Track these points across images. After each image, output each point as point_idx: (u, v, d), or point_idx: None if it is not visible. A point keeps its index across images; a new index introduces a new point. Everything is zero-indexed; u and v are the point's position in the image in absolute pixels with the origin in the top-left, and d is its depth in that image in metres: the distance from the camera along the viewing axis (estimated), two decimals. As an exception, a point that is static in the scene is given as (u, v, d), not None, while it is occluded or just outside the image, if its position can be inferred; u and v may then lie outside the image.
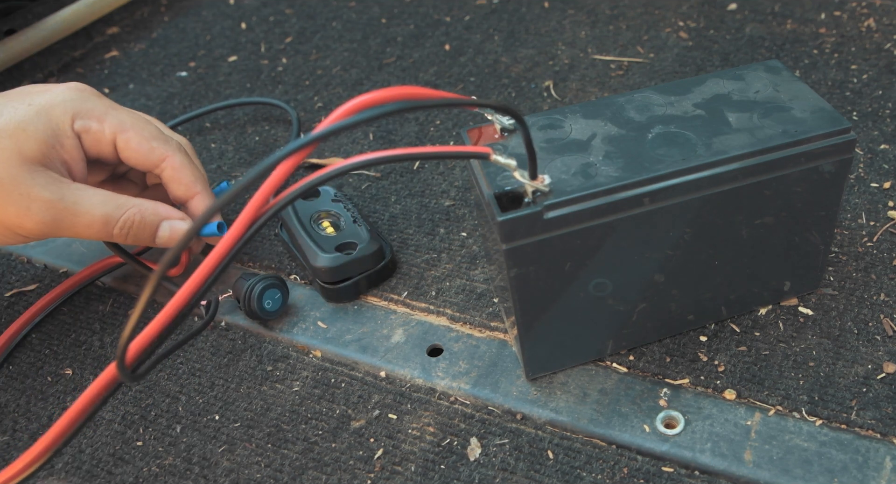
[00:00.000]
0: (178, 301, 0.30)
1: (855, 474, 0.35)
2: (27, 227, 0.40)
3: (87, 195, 0.41)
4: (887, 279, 0.43)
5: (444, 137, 0.59)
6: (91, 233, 0.41)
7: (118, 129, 0.42)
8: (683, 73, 0.62)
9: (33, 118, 0.40)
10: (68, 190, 0.40)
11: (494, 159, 0.31)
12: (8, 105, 0.41)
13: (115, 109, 0.43)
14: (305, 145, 0.28)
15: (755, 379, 0.39)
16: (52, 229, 0.40)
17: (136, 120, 0.43)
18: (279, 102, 0.63)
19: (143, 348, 0.30)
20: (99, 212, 0.41)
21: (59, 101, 0.41)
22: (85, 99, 0.42)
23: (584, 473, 0.37)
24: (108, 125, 0.42)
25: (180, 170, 0.43)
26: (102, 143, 0.42)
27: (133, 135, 0.42)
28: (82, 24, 0.78)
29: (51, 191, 0.40)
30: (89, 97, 0.42)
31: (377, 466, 0.38)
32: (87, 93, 0.43)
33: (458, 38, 0.71)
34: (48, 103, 0.41)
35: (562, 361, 0.41)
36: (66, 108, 0.41)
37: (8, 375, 0.45)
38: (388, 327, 0.45)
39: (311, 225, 0.47)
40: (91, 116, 0.42)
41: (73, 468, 0.40)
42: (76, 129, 0.41)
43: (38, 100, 0.41)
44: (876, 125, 0.54)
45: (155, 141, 0.43)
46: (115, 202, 0.41)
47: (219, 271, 0.30)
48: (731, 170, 0.34)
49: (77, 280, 0.49)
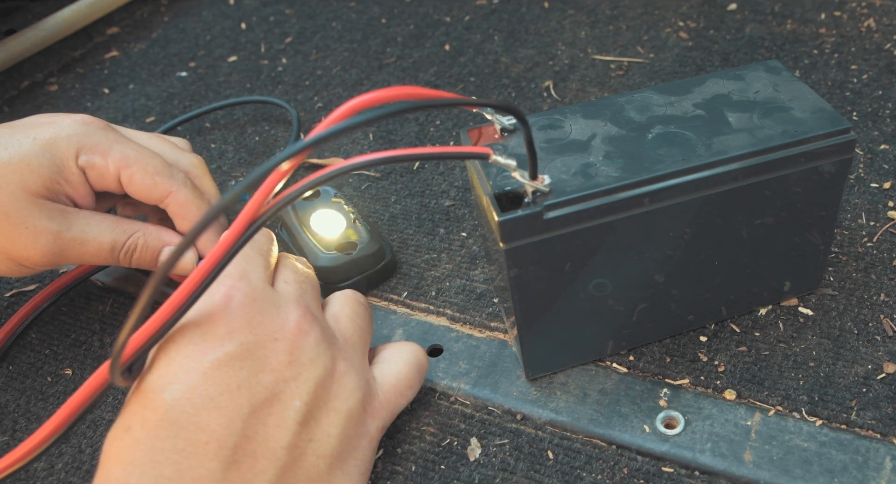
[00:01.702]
0: (176, 301, 0.30)
1: (855, 474, 0.35)
2: (34, 259, 0.40)
3: (93, 223, 0.41)
4: (887, 279, 0.43)
5: (444, 137, 0.59)
6: (98, 260, 0.42)
7: (122, 165, 0.42)
8: (683, 73, 0.62)
9: (38, 153, 0.40)
10: (74, 219, 0.41)
11: (494, 160, 0.31)
12: (13, 138, 0.40)
13: (120, 143, 0.42)
14: (301, 150, 0.28)
15: (755, 379, 0.39)
16: (58, 259, 0.41)
17: (140, 155, 0.42)
18: (280, 102, 0.63)
19: (138, 347, 0.30)
20: (107, 239, 0.41)
21: (64, 136, 0.41)
22: (90, 133, 0.42)
23: (584, 474, 0.37)
24: (112, 161, 0.41)
25: (184, 206, 0.43)
26: (107, 178, 0.42)
27: (136, 170, 0.42)
28: (82, 24, 0.78)
29: (57, 222, 0.40)
30: (95, 131, 0.42)
31: (377, 466, 0.38)
32: (94, 126, 0.42)
33: (458, 38, 0.71)
34: (53, 138, 0.41)
35: (562, 362, 0.41)
36: (71, 143, 0.41)
37: (8, 375, 0.45)
38: (388, 327, 0.45)
39: (311, 225, 0.47)
40: (95, 151, 0.41)
41: (73, 468, 0.40)
42: (80, 165, 0.41)
43: (43, 134, 0.41)
44: (876, 125, 0.54)
45: (159, 176, 0.42)
46: (121, 228, 0.42)
47: (216, 272, 0.30)
48: (731, 170, 0.34)
49: (74, 275, 0.49)
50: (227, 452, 0.31)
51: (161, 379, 0.31)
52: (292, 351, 0.33)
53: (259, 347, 0.32)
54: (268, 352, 0.33)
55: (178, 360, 0.32)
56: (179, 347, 0.32)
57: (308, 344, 0.34)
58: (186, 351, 0.32)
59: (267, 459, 0.32)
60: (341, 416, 0.34)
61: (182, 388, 0.31)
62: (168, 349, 0.32)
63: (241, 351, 0.32)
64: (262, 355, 0.32)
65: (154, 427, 0.30)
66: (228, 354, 0.32)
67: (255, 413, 0.32)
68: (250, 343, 0.32)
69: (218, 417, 0.31)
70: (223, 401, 0.31)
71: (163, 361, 0.32)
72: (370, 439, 0.36)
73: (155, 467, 0.30)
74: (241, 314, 0.33)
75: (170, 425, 0.30)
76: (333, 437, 0.34)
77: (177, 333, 0.32)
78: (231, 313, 0.32)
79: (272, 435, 0.32)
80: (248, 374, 0.32)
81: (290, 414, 0.33)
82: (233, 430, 0.31)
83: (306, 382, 0.33)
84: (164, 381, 0.31)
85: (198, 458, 0.30)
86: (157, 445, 0.30)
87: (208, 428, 0.31)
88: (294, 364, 0.33)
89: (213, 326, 0.32)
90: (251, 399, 0.32)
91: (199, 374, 0.31)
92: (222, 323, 0.32)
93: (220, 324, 0.32)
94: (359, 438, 0.35)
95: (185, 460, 0.30)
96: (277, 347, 0.33)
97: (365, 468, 0.36)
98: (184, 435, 0.30)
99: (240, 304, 0.33)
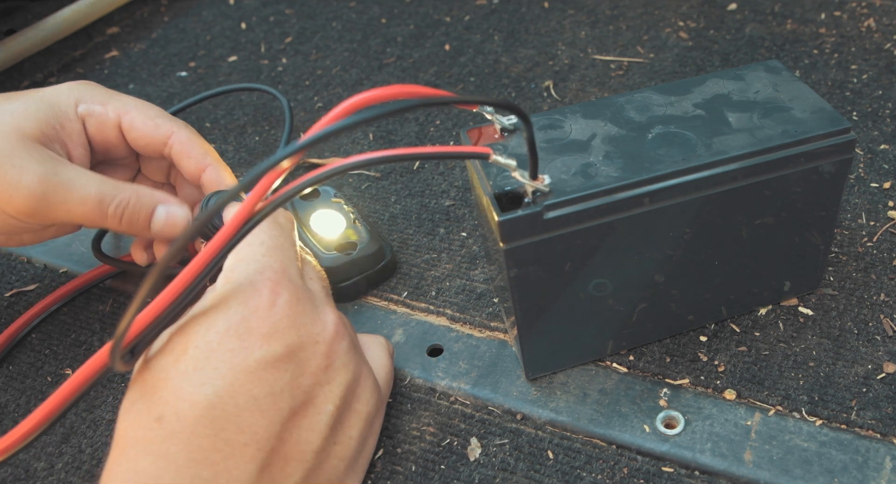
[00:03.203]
0: (179, 285, 0.29)
1: (855, 474, 0.35)
2: (16, 202, 0.39)
3: (82, 175, 0.40)
4: (887, 279, 0.43)
5: (444, 137, 0.59)
6: (84, 211, 0.40)
7: (122, 111, 0.42)
8: (683, 73, 0.62)
9: (37, 101, 0.41)
10: (63, 167, 0.40)
11: (494, 159, 0.31)
12: (16, 94, 0.42)
13: (119, 95, 0.43)
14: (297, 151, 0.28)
15: (755, 379, 0.39)
16: (42, 206, 0.39)
17: (139, 102, 0.43)
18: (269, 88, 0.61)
19: (141, 330, 0.30)
20: (94, 190, 0.40)
21: (65, 90, 0.42)
22: (90, 87, 0.43)
23: (584, 473, 0.37)
24: (112, 108, 0.42)
25: (188, 143, 0.43)
26: (107, 126, 0.42)
27: (137, 115, 0.43)
28: (82, 24, 0.78)
29: (45, 166, 0.39)
30: (94, 87, 0.43)
31: (377, 466, 0.38)
32: (92, 84, 0.44)
33: (458, 38, 0.71)
34: (54, 91, 0.42)
35: (562, 362, 0.41)
36: (71, 95, 0.42)
37: (8, 375, 0.45)
38: (389, 327, 0.45)
39: (311, 225, 0.47)
40: (95, 101, 0.42)
41: (73, 468, 0.40)
42: (80, 113, 0.42)
43: (46, 90, 0.42)
44: (876, 125, 0.54)
45: (159, 119, 0.43)
46: (112, 184, 0.40)
47: (211, 267, 0.30)
48: (731, 170, 0.34)
49: (79, 283, 0.49)
50: (263, 455, 0.30)
51: (201, 371, 0.30)
52: (329, 355, 0.33)
53: (301, 349, 0.32)
54: (308, 354, 0.32)
55: (221, 353, 0.31)
56: (223, 340, 0.31)
57: (343, 349, 0.34)
58: (230, 345, 0.31)
59: (297, 462, 0.32)
60: (361, 418, 0.34)
61: (225, 384, 0.30)
62: (208, 340, 0.31)
63: (287, 352, 0.32)
64: (304, 358, 0.32)
65: (192, 423, 0.29)
66: (275, 355, 0.31)
67: (294, 417, 0.32)
68: (294, 345, 0.32)
69: (260, 419, 0.30)
70: (267, 403, 0.31)
71: (202, 350, 0.31)
72: (375, 437, 0.37)
73: (192, 466, 0.29)
74: (286, 314, 0.32)
75: (210, 423, 0.30)
76: (354, 439, 0.34)
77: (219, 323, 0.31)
78: (277, 312, 0.32)
79: (305, 439, 0.32)
80: (291, 377, 0.32)
81: (323, 418, 0.32)
82: (272, 433, 0.31)
83: (338, 387, 0.33)
84: (204, 374, 0.30)
85: (235, 459, 0.30)
86: (194, 442, 0.29)
87: (250, 430, 0.30)
88: (330, 368, 0.33)
89: (259, 323, 0.31)
90: (291, 403, 0.31)
91: (244, 372, 0.31)
92: (269, 321, 0.32)
93: (266, 322, 0.32)
94: (370, 437, 0.36)
95: (224, 461, 0.30)
96: (318, 350, 0.33)
97: (368, 464, 0.36)
98: (224, 435, 0.30)
99: (287, 302, 0.32)
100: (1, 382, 0.45)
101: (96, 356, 0.30)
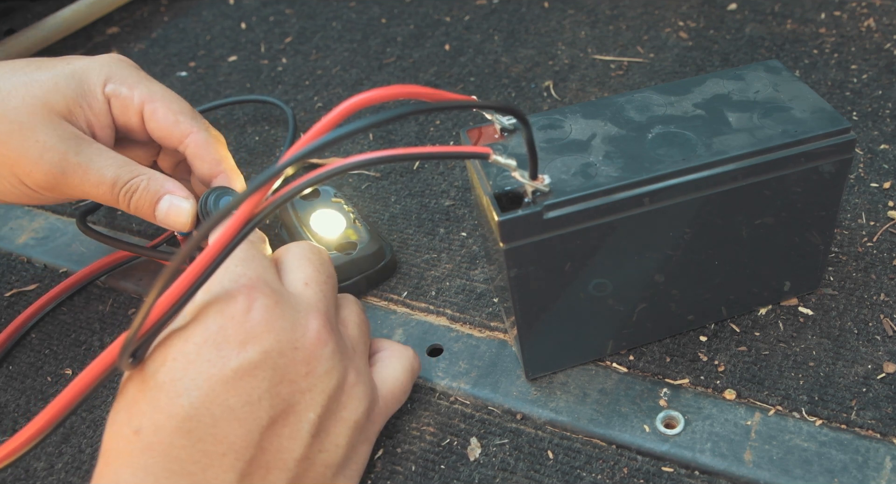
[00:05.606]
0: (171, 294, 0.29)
1: (855, 474, 0.35)
2: (35, 176, 0.39)
3: (102, 156, 0.40)
4: (887, 279, 0.43)
5: (444, 137, 0.59)
6: (98, 193, 0.40)
7: (147, 99, 0.42)
8: (683, 73, 0.62)
9: (67, 76, 0.41)
10: (86, 146, 0.40)
11: (494, 159, 0.31)
12: (48, 63, 0.42)
13: (149, 81, 0.43)
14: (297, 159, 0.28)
15: (755, 379, 0.39)
16: (59, 182, 0.40)
17: (166, 93, 0.43)
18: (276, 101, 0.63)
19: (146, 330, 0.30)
20: (110, 173, 0.40)
21: (96, 66, 0.42)
22: (122, 67, 0.43)
23: (584, 473, 0.37)
24: (138, 93, 0.42)
25: (204, 147, 0.42)
26: (130, 111, 0.42)
27: (160, 106, 0.42)
28: (82, 24, 0.78)
29: (67, 144, 0.39)
30: (126, 67, 0.43)
31: (377, 466, 0.38)
32: (126, 63, 0.43)
33: (458, 38, 0.71)
34: (85, 66, 0.42)
35: (562, 361, 0.41)
36: (101, 72, 0.42)
37: (8, 375, 0.45)
38: (388, 327, 0.45)
39: (311, 225, 0.47)
40: (123, 83, 0.42)
41: (73, 468, 0.40)
42: (106, 93, 0.42)
43: (78, 63, 0.42)
44: (876, 125, 0.54)
45: (182, 116, 0.42)
46: (129, 167, 0.41)
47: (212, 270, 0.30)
48: (731, 170, 0.34)
49: (77, 279, 0.49)
50: (242, 465, 0.30)
51: (178, 382, 0.30)
52: (310, 361, 0.33)
53: (280, 355, 0.32)
54: (287, 361, 0.32)
55: (198, 364, 0.30)
56: (200, 351, 0.31)
57: (325, 355, 0.33)
58: (207, 356, 0.31)
59: (279, 470, 0.31)
60: (349, 426, 0.34)
61: (201, 395, 0.30)
62: (186, 352, 0.31)
63: (263, 359, 0.31)
64: (282, 364, 0.32)
65: (169, 434, 0.30)
66: (251, 362, 0.31)
67: (273, 425, 0.31)
68: (272, 350, 0.32)
69: (238, 428, 0.30)
70: (244, 413, 0.31)
71: (179, 362, 0.31)
72: (369, 443, 0.36)
73: (170, 477, 0.29)
74: (263, 318, 0.32)
75: (187, 434, 0.30)
76: (341, 446, 0.34)
77: (196, 334, 0.31)
78: (253, 317, 0.32)
79: (286, 447, 0.32)
80: (269, 384, 0.31)
81: (305, 426, 0.32)
82: (251, 442, 0.31)
83: (321, 394, 0.33)
84: (181, 385, 0.30)
85: (213, 470, 0.30)
86: (171, 454, 0.29)
87: (227, 440, 0.30)
88: (311, 375, 0.33)
89: (235, 330, 0.31)
90: (270, 411, 0.31)
91: (220, 382, 0.30)
92: (245, 327, 0.31)
93: (242, 328, 0.31)
94: (361, 444, 0.35)
95: (202, 472, 0.30)
96: (297, 356, 0.32)
97: (362, 469, 0.36)
98: (201, 446, 0.30)
99: (263, 306, 0.32)
100: (1, 382, 0.45)
101: (100, 359, 0.30)
